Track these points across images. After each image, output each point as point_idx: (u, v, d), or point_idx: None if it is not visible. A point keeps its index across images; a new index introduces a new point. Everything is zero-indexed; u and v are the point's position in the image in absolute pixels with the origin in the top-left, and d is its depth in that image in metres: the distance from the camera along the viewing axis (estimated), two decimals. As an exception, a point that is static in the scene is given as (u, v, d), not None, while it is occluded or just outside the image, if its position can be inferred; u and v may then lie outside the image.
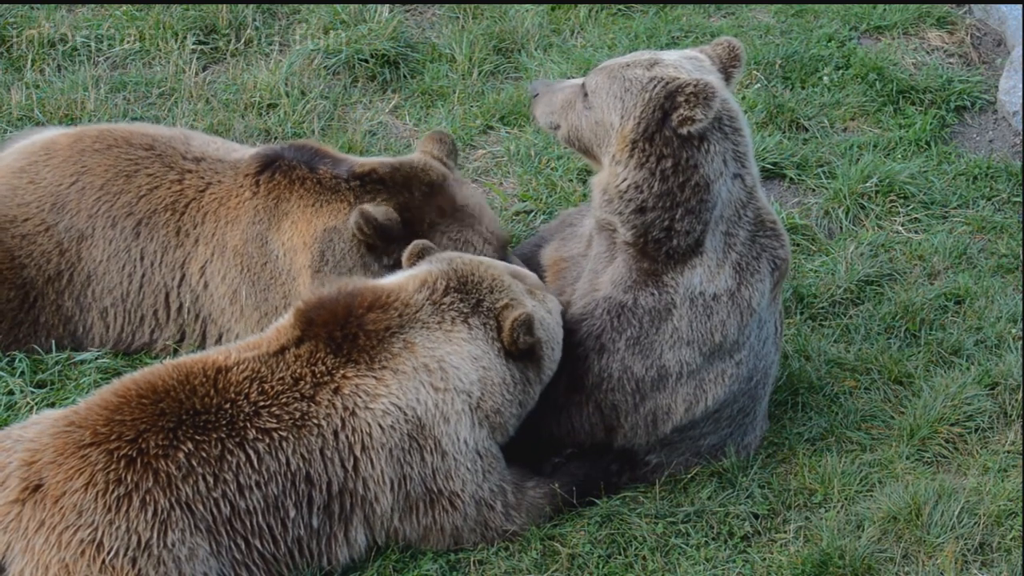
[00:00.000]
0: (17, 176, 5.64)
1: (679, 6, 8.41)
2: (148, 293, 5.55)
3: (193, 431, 4.36)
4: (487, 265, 4.90)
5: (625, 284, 4.95)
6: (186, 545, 4.27)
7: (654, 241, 4.86)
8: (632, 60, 4.89)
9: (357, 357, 4.60)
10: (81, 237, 5.55)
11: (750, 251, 4.96)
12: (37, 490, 4.20)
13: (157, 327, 5.59)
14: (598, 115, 4.90)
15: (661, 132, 4.73)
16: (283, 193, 5.48)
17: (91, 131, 5.78)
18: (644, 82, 4.76)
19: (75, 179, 5.58)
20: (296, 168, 5.50)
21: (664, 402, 4.99)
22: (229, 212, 5.52)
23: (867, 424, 5.57)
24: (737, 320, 4.94)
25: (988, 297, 6.25)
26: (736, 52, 4.98)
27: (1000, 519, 4.96)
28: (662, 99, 4.71)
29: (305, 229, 5.42)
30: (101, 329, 5.61)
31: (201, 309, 5.57)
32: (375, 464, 4.55)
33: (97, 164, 5.61)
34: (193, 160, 5.65)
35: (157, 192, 5.56)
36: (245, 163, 5.60)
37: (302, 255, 5.41)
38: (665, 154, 4.75)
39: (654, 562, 4.80)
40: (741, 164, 4.87)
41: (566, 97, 5.07)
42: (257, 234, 5.48)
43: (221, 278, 5.52)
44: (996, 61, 8.07)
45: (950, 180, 7.08)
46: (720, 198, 4.83)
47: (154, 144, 5.68)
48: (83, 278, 5.56)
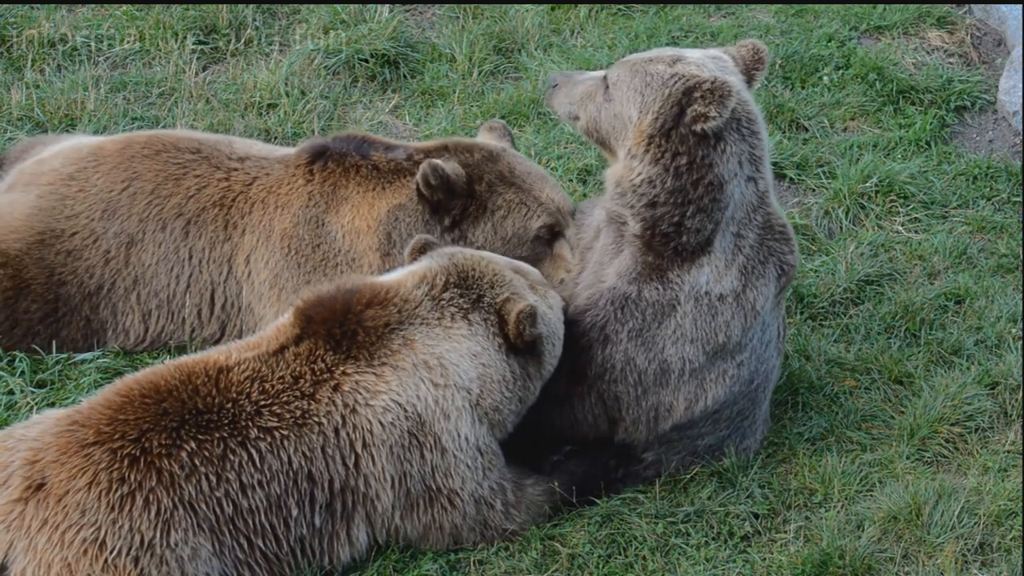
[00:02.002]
0: (66, 183, 5.65)
1: (679, 6, 8.42)
2: (195, 292, 5.57)
3: (196, 430, 4.36)
4: (488, 260, 4.90)
5: (630, 276, 4.95)
6: (189, 544, 4.27)
7: (662, 235, 4.86)
8: (655, 56, 4.90)
9: (356, 354, 4.61)
10: (131, 242, 5.56)
11: (758, 254, 4.96)
12: (40, 489, 4.20)
13: (199, 325, 5.61)
14: (617, 108, 4.91)
15: (677, 128, 4.74)
16: (339, 180, 5.54)
17: (139, 137, 5.84)
18: (665, 78, 4.77)
19: (127, 184, 5.61)
20: (348, 156, 5.57)
21: (666, 398, 4.99)
22: (279, 199, 5.56)
23: (867, 424, 5.57)
24: (741, 322, 4.94)
25: (988, 297, 6.25)
26: (760, 55, 4.98)
27: (1000, 519, 4.97)
28: (680, 95, 4.73)
29: (368, 212, 5.46)
30: (140, 331, 5.62)
31: (243, 300, 5.59)
32: (376, 461, 4.55)
33: (147, 169, 5.64)
34: (238, 159, 5.71)
35: (205, 191, 5.60)
36: (294, 156, 5.67)
37: (366, 238, 5.45)
38: (680, 151, 4.76)
39: (654, 562, 4.80)
40: (756, 167, 4.87)
41: (587, 89, 5.09)
42: (312, 217, 5.51)
43: (264, 263, 5.53)
44: (996, 61, 8.08)
45: (950, 180, 7.09)
46: (733, 199, 4.84)
47: (200, 147, 5.74)
48: (128, 284, 5.58)
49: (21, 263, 5.50)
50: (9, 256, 5.49)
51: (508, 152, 5.65)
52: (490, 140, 5.77)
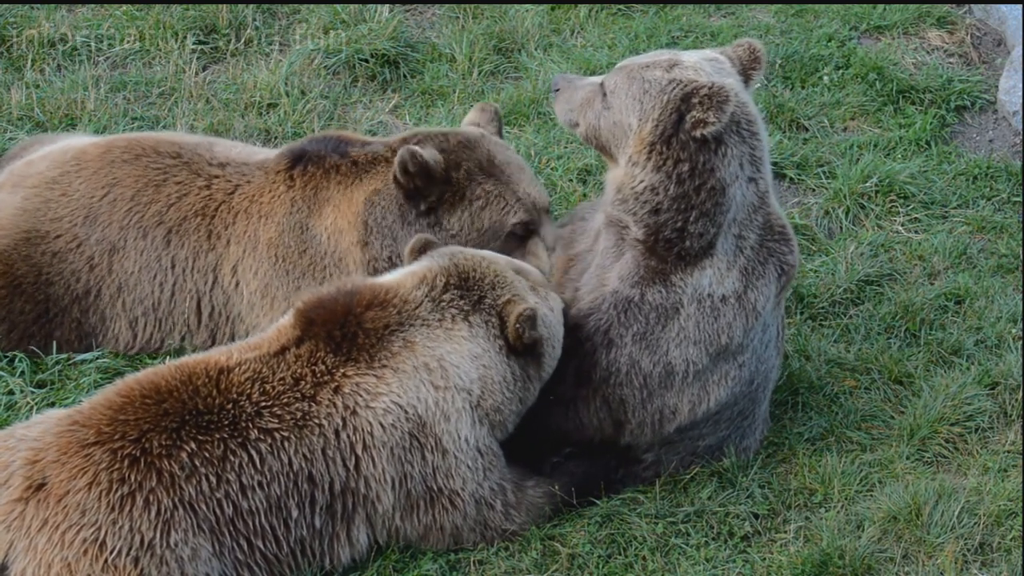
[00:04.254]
0: (50, 187, 5.63)
1: (679, 6, 8.42)
2: (180, 300, 5.56)
3: (196, 431, 4.36)
4: (489, 261, 4.89)
5: (632, 280, 4.94)
6: (189, 545, 4.27)
7: (665, 241, 4.85)
8: (652, 61, 4.86)
9: (357, 356, 4.60)
10: (113, 249, 5.55)
11: (758, 255, 4.95)
12: (40, 489, 4.20)
13: (188, 333, 5.60)
14: (616, 116, 4.88)
15: (678, 135, 4.72)
16: (320, 183, 5.53)
17: (120, 141, 5.81)
18: (663, 84, 4.74)
19: (106, 191, 5.59)
20: (326, 157, 5.56)
21: (671, 400, 4.98)
22: (262, 208, 5.54)
23: (867, 424, 5.57)
24: (743, 323, 4.94)
25: (988, 297, 6.25)
26: (757, 54, 4.95)
27: (1000, 519, 4.97)
28: (679, 101, 4.70)
29: (348, 208, 5.46)
30: (128, 337, 5.61)
31: (232, 309, 5.58)
32: (376, 463, 4.55)
33: (127, 175, 5.62)
34: (219, 165, 5.67)
35: (186, 199, 5.57)
36: (272, 162, 5.64)
37: (348, 234, 5.45)
38: (682, 158, 4.73)
39: (654, 562, 4.80)
40: (756, 168, 4.86)
41: (585, 96, 5.05)
42: (296, 223, 5.50)
43: (253, 274, 5.52)
44: (996, 61, 8.08)
45: (950, 180, 7.09)
46: (735, 201, 4.83)
47: (181, 152, 5.70)
48: (112, 291, 5.56)
49: (10, 259, 5.49)
50: None
51: (486, 138, 5.61)
52: (475, 120, 5.76)
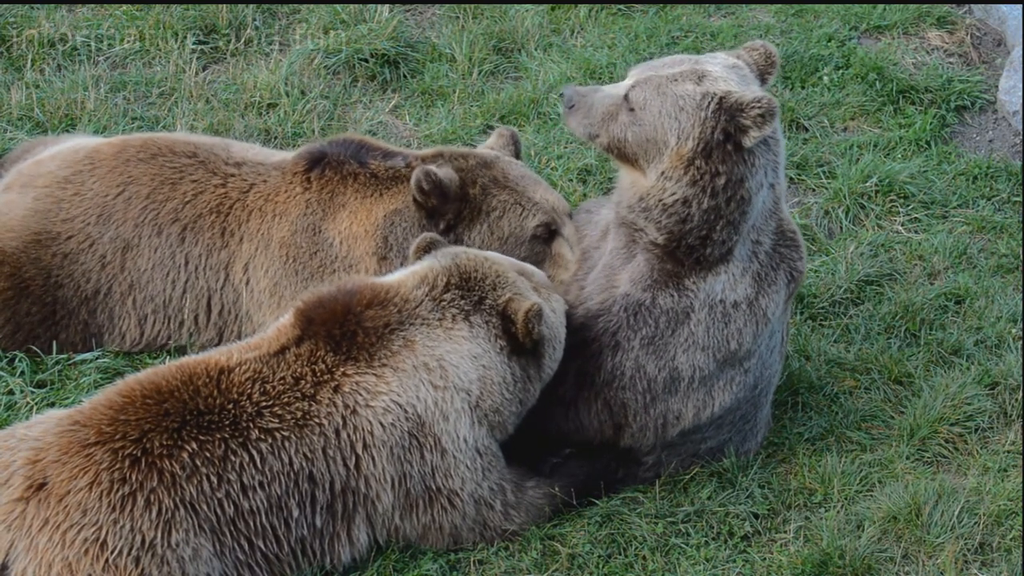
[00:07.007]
0: (62, 187, 5.64)
1: (679, 6, 8.42)
2: (191, 298, 5.57)
3: (197, 431, 4.37)
4: (492, 261, 4.89)
5: (645, 283, 4.93)
6: (190, 545, 4.27)
7: (687, 247, 4.83)
8: (677, 72, 4.78)
9: (356, 355, 4.61)
10: (127, 247, 5.56)
11: (770, 261, 4.95)
12: (41, 488, 4.21)
13: (196, 331, 5.61)
14: (649, 132, 4.79)
15: (718, 150, 4.68)
16: (337, 188, 5.54)
17: (135, 140, 5.82)
18: (697, 99, 4.68)
19: (122, 189, 5.60)
20: (345, 164, 5.57)
21: (675, 406, 4.98)
22: (277, 207, 5.56)
23: (867, 424, 5.57)
24: (753, 329, 4.93)
25: (988, 297, 6.26)
26: (772, 58, 4.95)
27: (1000, 519, 4.97)
28: (721, 118, 4.65)
29: (366, 218, 5.47)
30: (136, 335, 5.62)
31: (240, 307, 5.59)
32: (376, 462, 4.55)
33: (143, 173, 5.63)
34: (235, 165, 5.69)
35: (202, 197, 5.59)
36: (290, 163, 5.66)
37: (364, 243, 5.46)
38: (720, 171, 4.70)
39: (654, 562, 4.81)
40: (776, 173, 4.86)
41: (607, 109, 4.92)
42: (309, 225, 5.51)
43: (263, 272, 5.54)
44: (996, 61, 8.08)
45: (950, 180, 7.09)
46: (756, 208, 4.83)
47: (196, 151, 5.72)
48: (124, 288, 5.57)
49: (18, 262, 5.50)
50: (6, 254, 5.49)
51: (502, 159, 5.66)
52: (497, 145, 5.80)
